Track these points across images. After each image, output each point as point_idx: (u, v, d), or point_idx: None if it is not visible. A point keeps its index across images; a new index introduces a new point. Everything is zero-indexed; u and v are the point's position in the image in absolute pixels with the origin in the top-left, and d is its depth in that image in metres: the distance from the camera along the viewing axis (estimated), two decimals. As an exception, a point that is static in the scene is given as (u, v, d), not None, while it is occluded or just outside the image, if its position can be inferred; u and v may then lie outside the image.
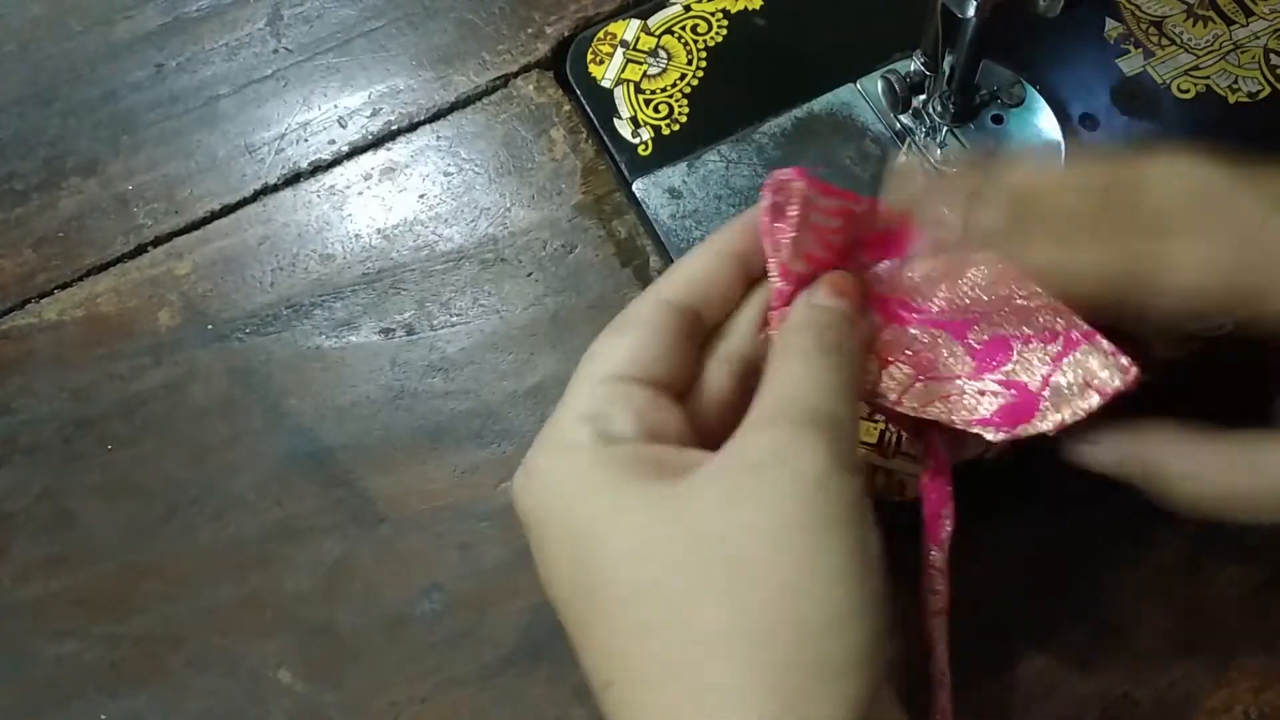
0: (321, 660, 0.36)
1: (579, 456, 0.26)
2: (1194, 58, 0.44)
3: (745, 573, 0.23)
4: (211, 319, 0.41)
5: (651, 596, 0.23)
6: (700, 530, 0.24)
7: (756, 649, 0.22)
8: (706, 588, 0.23)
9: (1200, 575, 0.35)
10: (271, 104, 0.46)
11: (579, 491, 0.25)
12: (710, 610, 0.23)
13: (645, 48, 0.45)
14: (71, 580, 0.37)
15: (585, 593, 0.25)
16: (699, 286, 0.28)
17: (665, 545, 0.24)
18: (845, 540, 0.24)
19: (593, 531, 0.25)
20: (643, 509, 0.24)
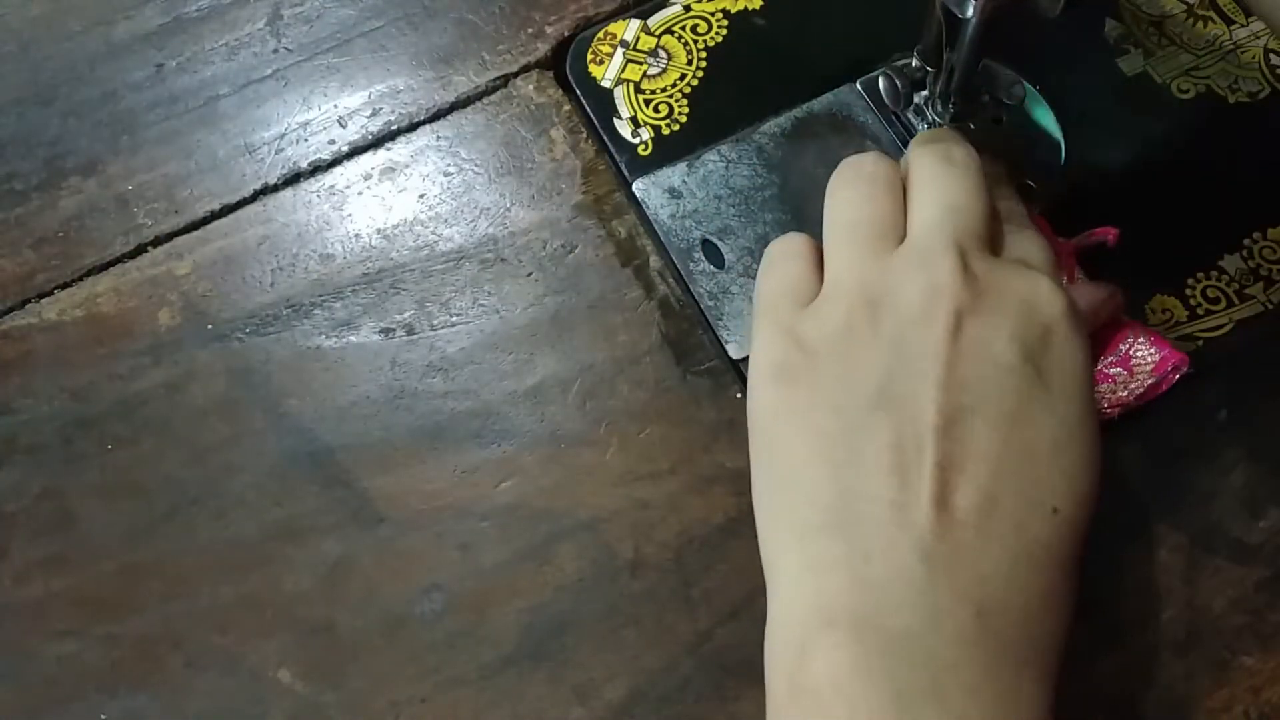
0: (321, 660, 0.36)
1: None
2: (1194, 58, 0.44)
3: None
4: (211, 319, 0.41)
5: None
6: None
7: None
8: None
9: (1200, 574, 0.36)
10: (271, 104, 0.46)
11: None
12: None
13: (645, 48, 0.45)
14: (71, 580, 0.37)
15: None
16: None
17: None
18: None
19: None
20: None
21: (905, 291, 0.30)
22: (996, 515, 0.27)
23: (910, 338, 0.30)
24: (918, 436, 0.28)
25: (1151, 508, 0.37)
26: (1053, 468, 0.28)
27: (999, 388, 0.29)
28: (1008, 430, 0.28)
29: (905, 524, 0.27)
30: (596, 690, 0.35)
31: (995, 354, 0.29)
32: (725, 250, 0.41)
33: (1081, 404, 0.29)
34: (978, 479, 0.28)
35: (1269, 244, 0.41)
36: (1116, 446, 0.38)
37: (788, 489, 0.30)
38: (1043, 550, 0.28)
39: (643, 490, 0.37)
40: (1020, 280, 0.30)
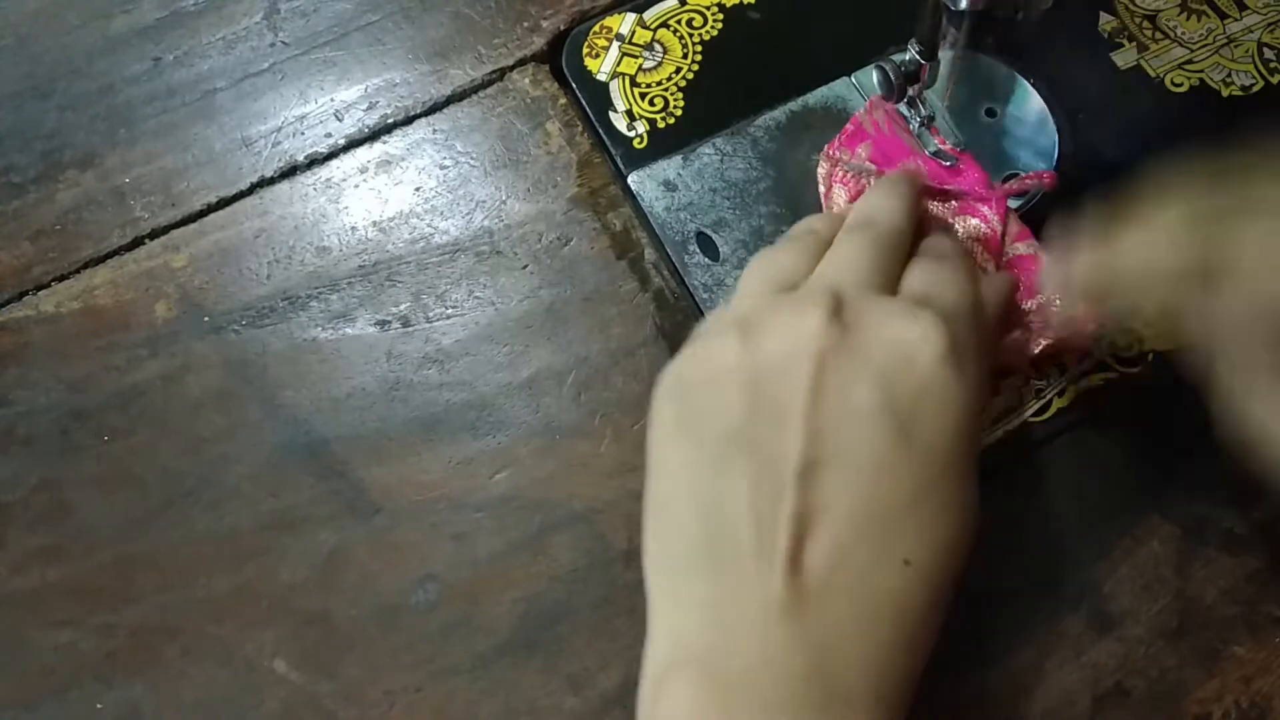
0: (316, 650, 0.36)
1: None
2: (1188, 51, 0.44)
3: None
4: (208, 311, 0.41)
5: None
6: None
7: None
8: None
9: (1191, 565, 0.36)
10: (268, 97, 0.46)
11: None
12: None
13: (641, 41, 0.45)
14: (68, 570, 0.37)
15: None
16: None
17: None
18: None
19: None
20: None
21: (772, 333, 0.30)
22: (845, 566, 0.27)
23: (773, 381, 0.29)
24: (775, 485, 0.28)
25: (1143, 499, 0.37)
26: (907, 520, 0.28)
27: (857, 437, 0.28)
28: (863, 482, 0.28)
29: (759, 571, 0.28)
30: (590, 679, 0.35)
31: (855, 402, 0.28)
32: (720, 243, 0.41)
33: (946, 454, 0.29)
34: (830, 531, 0.28)
35: (1262, 237, 0.41)
36: (1109, 436, 0.38)
37: (665, 522, 0.31)
38: (890, 601, 0.28)
39: (636, 481, 0.37)
40: (896, 324, 0.29)
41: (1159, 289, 0.30)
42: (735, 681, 0.27)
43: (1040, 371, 0.38)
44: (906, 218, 0.35)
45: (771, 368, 0.29)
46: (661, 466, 0.31)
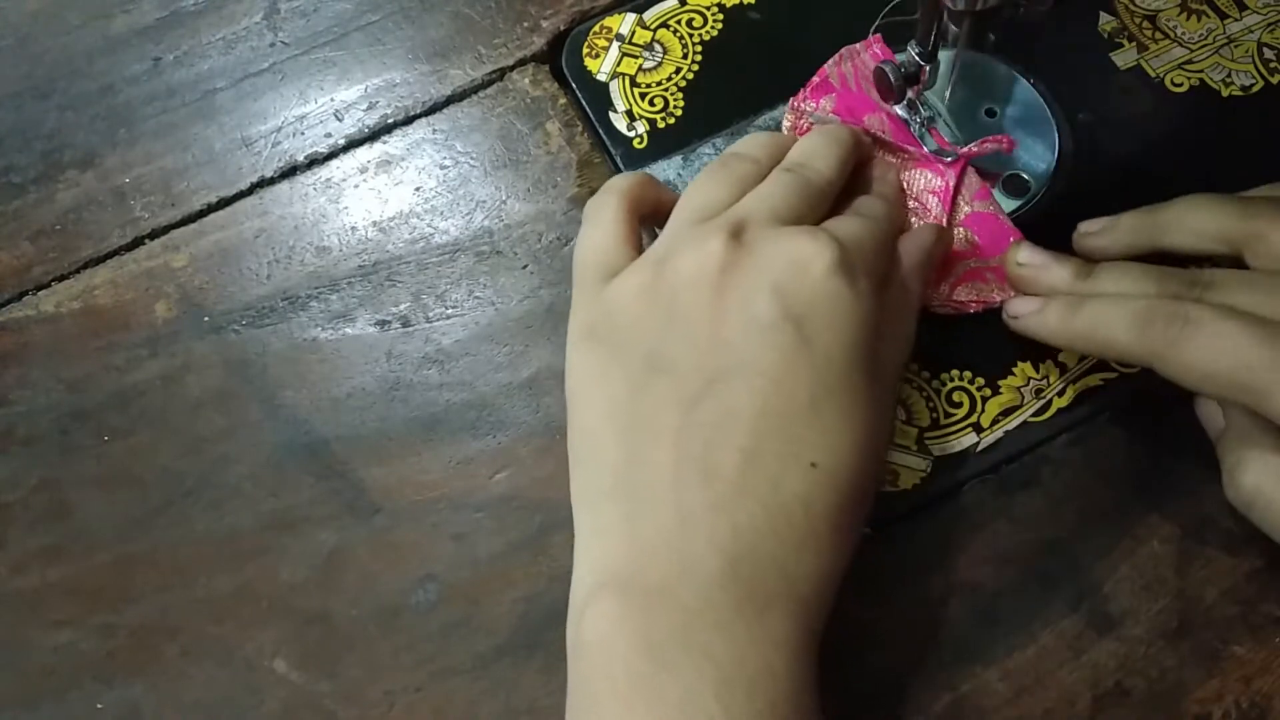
0: (316, 650, 0.36)
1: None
2: (1187, 51, 0.44)
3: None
4: (208, 311, 0.41)
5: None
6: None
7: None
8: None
9: (1191, 565, 0.36)
10: (268, 97, 0.46)
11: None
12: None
13: (641, 41, 0.45)
14: (68, 570, 0.37)
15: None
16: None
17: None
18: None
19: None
20: None
21: (681, 258, 0.32)
22: (753, 471, 0.29)
23: (681, 301, 0.31)
24: (689, 396, 0.30)
25: (1143, 499, 0.37)
26: (810, 423, 0.29)
27: (759, 346, 0.30)
28: (766, 387, 0.30)
29: (674, 486, 0.29)
30: (590, 680, 0.35)
31: (756, 313, 0.30)
32: (720, 243, 0.41)
33: (843, 360, 0.30)
34: (739, 436, 0.29)
35: (1262, 237, 0.41)
36: (1109, 436, 0.38)
37: (587, 454, 0.32)
38: (798, 503, 0.29)
39: (637, 481, 0.37)
40: (792, 241, 0.32)
41: (1115, 356, 0.35)
42: (655, 591, 0.28)
43: (1040, 371, 0.39)
44: (838, 168, 0.37)
45: (679, 291, 0.32)
46: (583, 401, 0.33)
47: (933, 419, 0.38)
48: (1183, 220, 0.35)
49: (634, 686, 0.27)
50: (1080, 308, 0.34)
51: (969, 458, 0.37)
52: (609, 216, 0.36)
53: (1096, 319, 0.33)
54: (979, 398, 0.38)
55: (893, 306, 0.34)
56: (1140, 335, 0.32)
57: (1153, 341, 0.31)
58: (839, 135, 0.38)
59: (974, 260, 0.39)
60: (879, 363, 0.32)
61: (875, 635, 0.35)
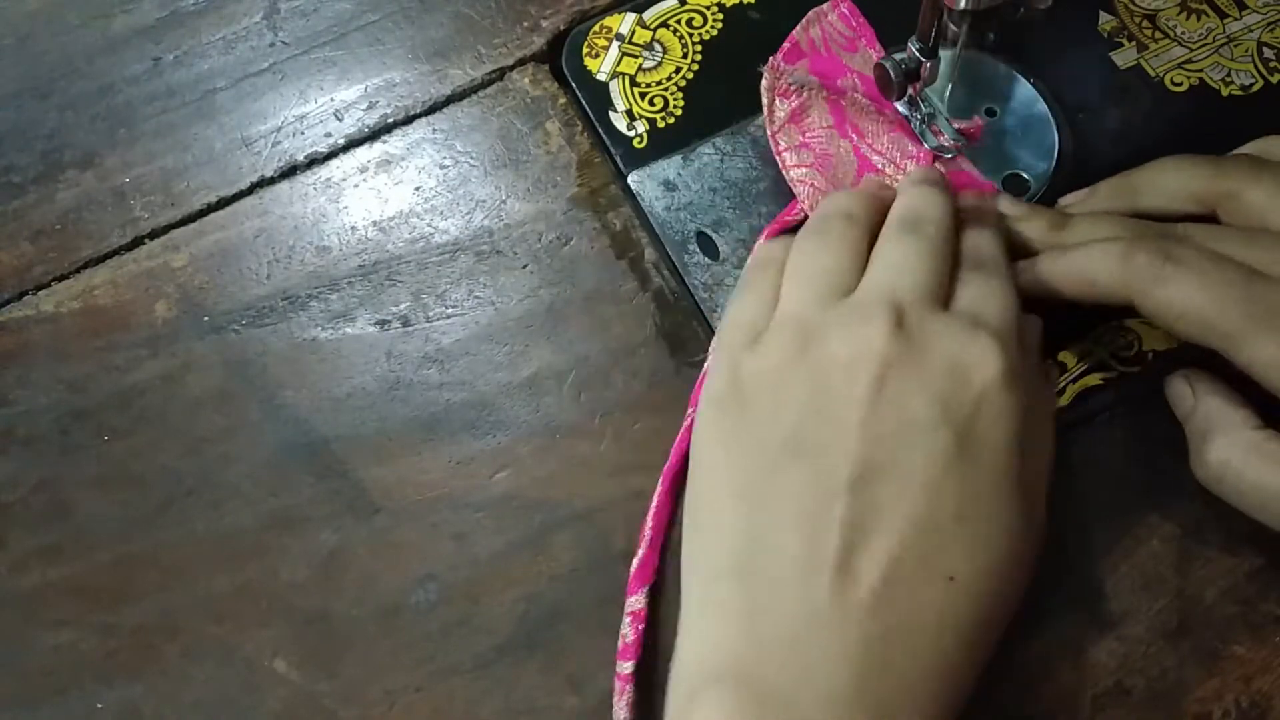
0: (316, 649, 0.36)
1: None
2: (1187, 51, 0.44)
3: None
4: (208, 311, 0.41)
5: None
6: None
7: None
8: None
9: (1191, 564, 0.36)
10: (268, 97, 0.46)
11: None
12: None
13: (640, 41, 0.45)
14: (68, 570, 0.37)
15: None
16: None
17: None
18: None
19: None
20: None
21: (836, 341, 0.31)
22: (894, 578, 0.27)
23: (834, 387, 0.30)
24: (829, 490, 0.28)
25: (1143, 498, 0.37)
26: (956, 536, 0.28)
27: (914, 448, 0.29)
28: (915, 493, 0.28)
29: (804, 581, 0.28)
30: (591, 679, 0.35)
31: (914, 413, 0.29)
32: (720, 242, 0.41)
33: (998, 472, 0.29)
34: (880, 540, 0.28)
35: (1262, 236, 0.41)
36: (1109, 435, 0.38)
37: (707, 526, 0.31)
38: (934, 618, 0.28)
39: (637, 481, 0.37)
40: (956, 340, 0.30)
41: (1095, 294, 0.33)
42: (776, 696, 0.26)
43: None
44: (952, 217, 0.35)
45: (832, 375, 0.30)
46: (708, 468, 0.31)
47: (933, 418, 0.38)
48: (1156, 182, 0.36)
49: None
50: (1061, 253, 0.34)
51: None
52: (768, 285, 0.35)
53: (1077, 258, 0.33)
54: (979, 397, 0.38)
55: (1034, 406, 0.32)
56: (1123, 270, 0.31)
57: (1135, 276, 0.31)
58: (937, 178, 0.37)
59: None
60: (1028, 472, 0.31)
61: (875, 635, 0.35)
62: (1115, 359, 0.38)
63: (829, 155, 0.41)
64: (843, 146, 0.41)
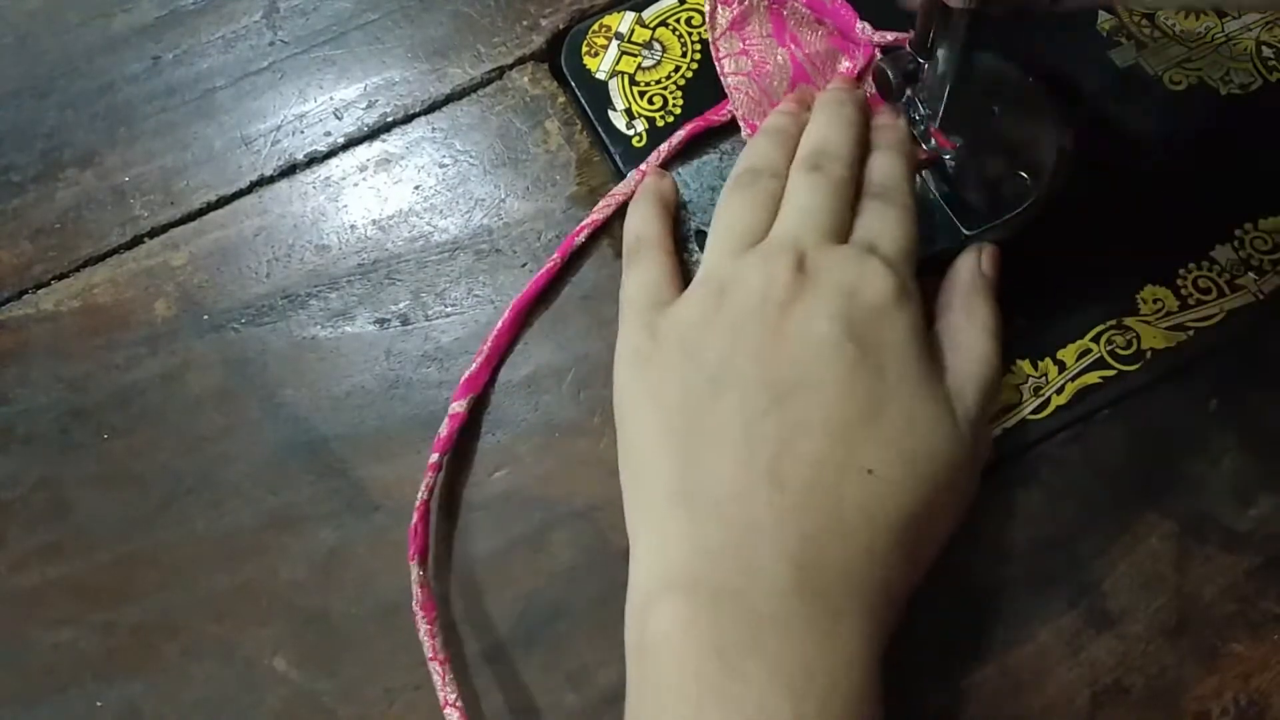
0: (316, 648, 0.36)
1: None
2: (1186, 50, 0.44)
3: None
4: (207, 310, 0.41)
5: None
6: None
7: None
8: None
9: (1190, 562, 0.36)
10: (267, 96, 0.46)
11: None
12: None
13: (640, 40, 0.45)
14: (67, 569, 0.37)
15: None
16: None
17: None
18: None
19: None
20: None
21: (746, 283, 0.34)
22: (819, 481, 0.30)
23: (746, 323, 0.33)
24: (754, 413, 0.31)
25: (1142, 496, 0.37)
26: (869, 435, 0.31)
27: (823, 363, 0.32)
28: (831, 401, 0.31)
29: (741, 496, 0.30)
30: (590, 676, 0.35)
31: (819, 333, 0.32)
32: (719, 241, 0.41)
33: (901, 375, 0.32)
34: (804, 448, 0.31)
35: (1260, 234, 0.41)
36: (1108, 434, 0.38)
37: (645, 469, 0.33)
38: (859, 510, 0.30)
39: (636, 479, 0.37)
40: (850, 269, 0.34)
41: None
42: (725, 593, 0.29)
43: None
44: (857, 151, 0.38)
45: (746, 316, 0.33)
46: (635, 420, 0.34)
47: (932, 417, 0.38)
48: None
49: (704, 690, 0.27)
50: None
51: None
52: (653, 258, 0.38)
53: None
54: (978, 395, 0.38)
55: (956, 326, 0.36)
56: None
57: None
58: (847, 114, 0.39)
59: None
60: (953, 376, 0.34)
61: (874, 633, 0.35)
62: (1114, 357, 0.38)
63: (765, 64, 0.42)
64: (779, 55, 0.42)
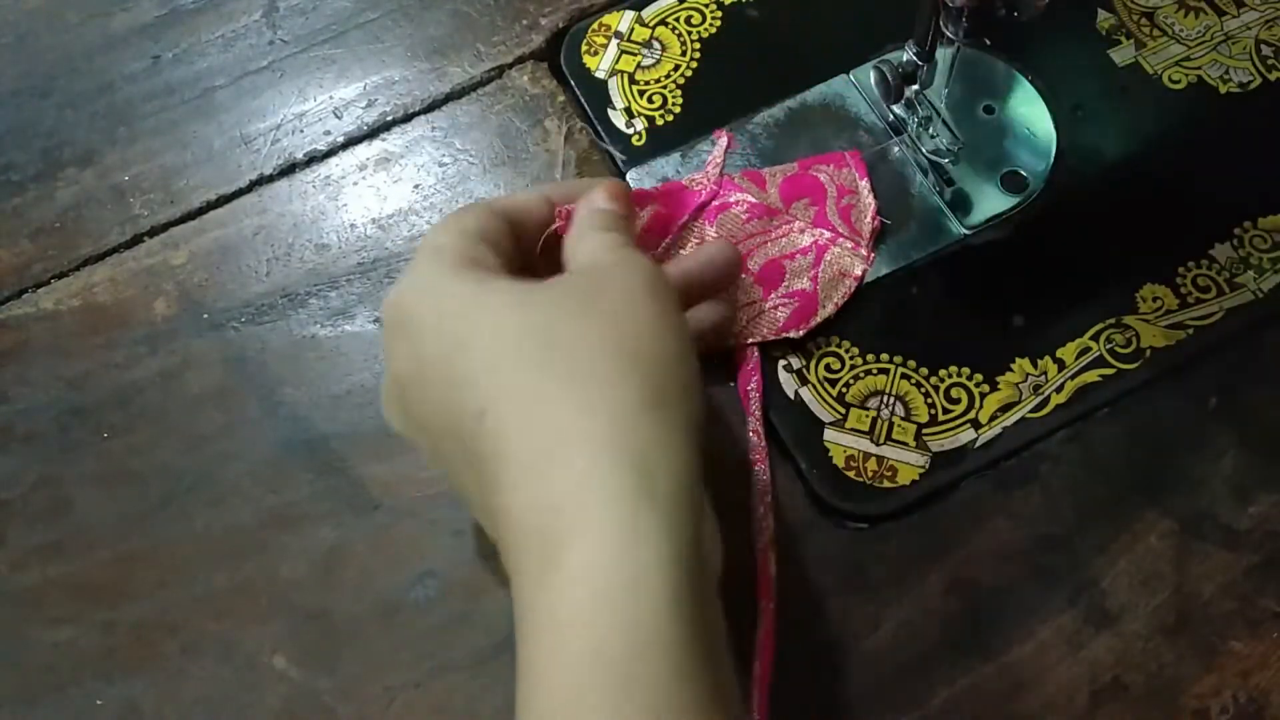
0: (316, 646, 0.36)
1: (454, 264, 0.31)
2: (1185, 48, 0.44)
3: (614, 322, 0.29)
4: (207, 308, 0.41)
5: (525, 338, 0.29)
6: (566, 298, 0.30)
7: (627, 364, 0.28)
8: (574, 331, 0.29)
9: (1189, 560, 0.36)
10: (267, 95, 0.46)
11: (455, 284, 0.31)
12: (588, 344, 0.29)
13: (639, 39, 0.45)
14: (68, 567, 0.37)
15: (455, 347, 0.29)
16: (516, 207, 0.35)
17: (536, 305, 0.30)
18: (677, 307, 0.31)
19: (469, 303, 0.30)
20: (513, 290, 0.30)
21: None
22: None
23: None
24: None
25: (1141, 494, 0.37)
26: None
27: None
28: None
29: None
30: (589, 675, 0.35)
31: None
32: (718, 240, 0.41)
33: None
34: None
35: (1259, 233, 0.41)
36: (1107, 432, 0.38)
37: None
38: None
39: (636, 478, 0.37)
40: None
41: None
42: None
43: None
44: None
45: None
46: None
47: (930, 415, 0.38)
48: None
49: None
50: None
51: (967, 454, 0.37)
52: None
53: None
54: (977, 394, 0.38)
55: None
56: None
57: None
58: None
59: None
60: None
61: (873, 630, 0.35)
62: (1113, 356, 0.39)
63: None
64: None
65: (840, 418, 0.38)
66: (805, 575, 0.36)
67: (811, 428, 0.38)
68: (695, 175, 0.41)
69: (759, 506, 0.37)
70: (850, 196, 0.41)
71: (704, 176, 0.41)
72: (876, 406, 0.38)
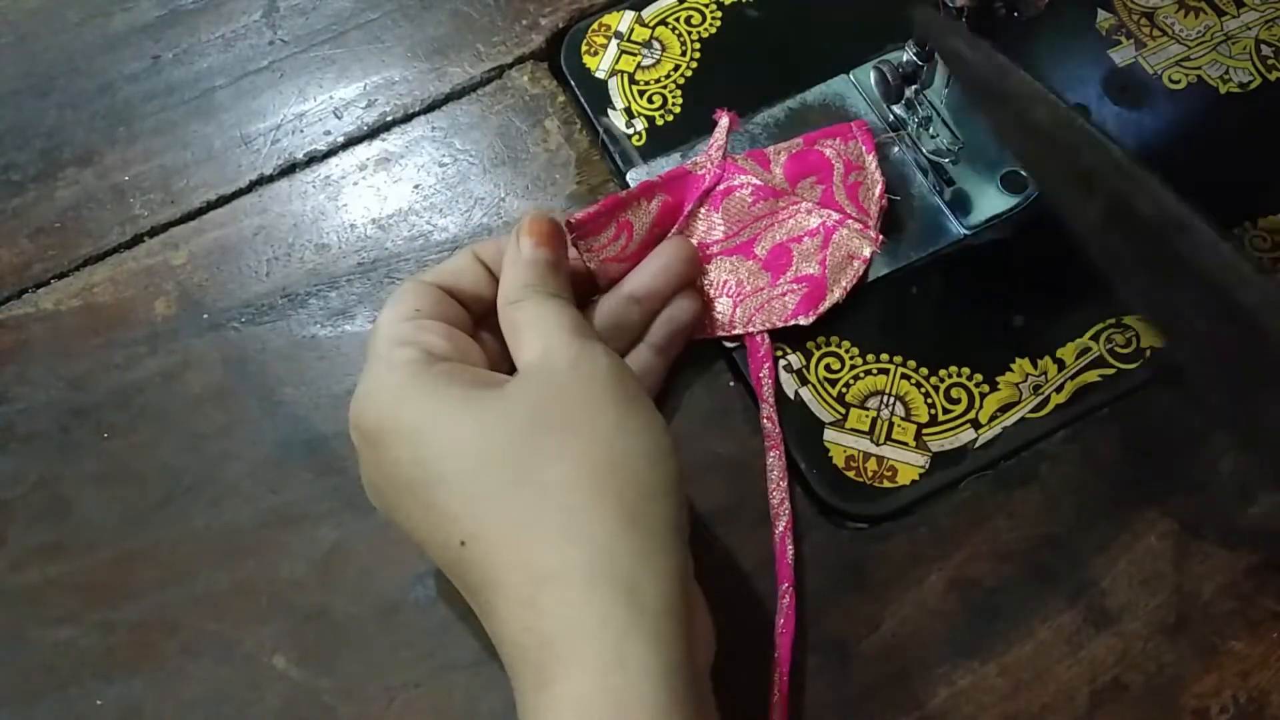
0: (316, 646, 0.36)
1: (410, 370, 0.31)
2: (1185, 48, 0.44)
3: (574, 436, 0.29)
4: (207, 308, 0.41)
5: (497, 467, 0.29)
6: (530, 413, 0.30)
7: (597, 484, 0.28)
8: (544, 453, 0.29)
9: (1189, 560, 0.36)
10: (267, 95, 0.46)
11: (416, 396, 0.30)
12: (560, 470, 0.29)
13: (639, 39, 0.45)
14: (67, 567, 0.37)
15: (429, 479, 0.29)
16: (449, 275, 0.35)
17: (501, 427, 0.29)
18: (645, 402, 0.31)
19: (436, 424, 0.30)
20: (476, 404, 0.30)
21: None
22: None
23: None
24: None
25: (1141, 494, 0.37)
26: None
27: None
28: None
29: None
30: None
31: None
32: (718, 240, 0.41)
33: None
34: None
35: (1260, 233, 0.41)
36: (1107, 432, 0.38)
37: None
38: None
39: (636, 477, 0.37)
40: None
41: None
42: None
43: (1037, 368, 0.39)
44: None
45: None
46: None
47: (930, 415, 0.38)
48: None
49: None
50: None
51: (967, 454, 0.37)
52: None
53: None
54: (977, 394, 0.38)
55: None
56: None
57: None
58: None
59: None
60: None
61: (873, 630, 0.35)
62: (1113, 356, 0.39)
63: (732, 282, 0.40)
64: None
65: (840, 418, 0.38)
66: (805, 575, 0.36)
67: (811, 428, 0.38)
68: (698, 158, 0.41)
69: (775, 493, 0.37)
70: (857, 173, 0.41)
71: (707, 158, 0.41)
72: (876, 406, 0.38)
